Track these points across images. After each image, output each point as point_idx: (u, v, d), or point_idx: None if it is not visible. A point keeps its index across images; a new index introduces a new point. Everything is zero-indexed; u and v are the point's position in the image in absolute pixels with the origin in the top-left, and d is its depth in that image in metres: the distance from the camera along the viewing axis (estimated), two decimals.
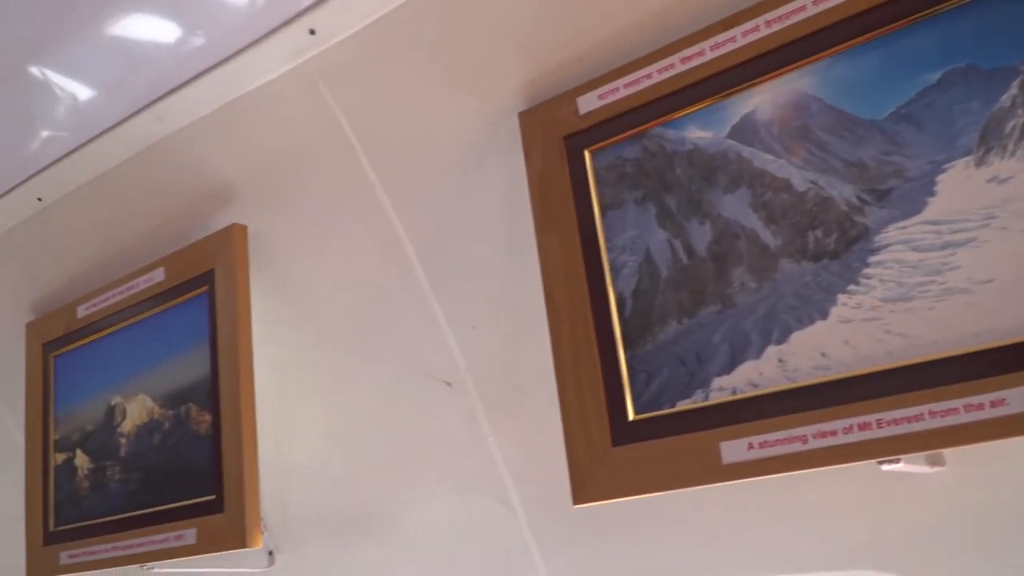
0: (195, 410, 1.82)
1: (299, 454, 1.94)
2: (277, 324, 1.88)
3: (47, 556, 2.10)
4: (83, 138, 1.91)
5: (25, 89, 1.86)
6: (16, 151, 2.01)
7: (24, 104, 1.90)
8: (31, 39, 1.73)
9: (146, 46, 1.70)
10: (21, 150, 2.00)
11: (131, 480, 1.93)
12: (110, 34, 1.69)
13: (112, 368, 2.04)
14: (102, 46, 1.74)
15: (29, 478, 2.18)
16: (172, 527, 1.79)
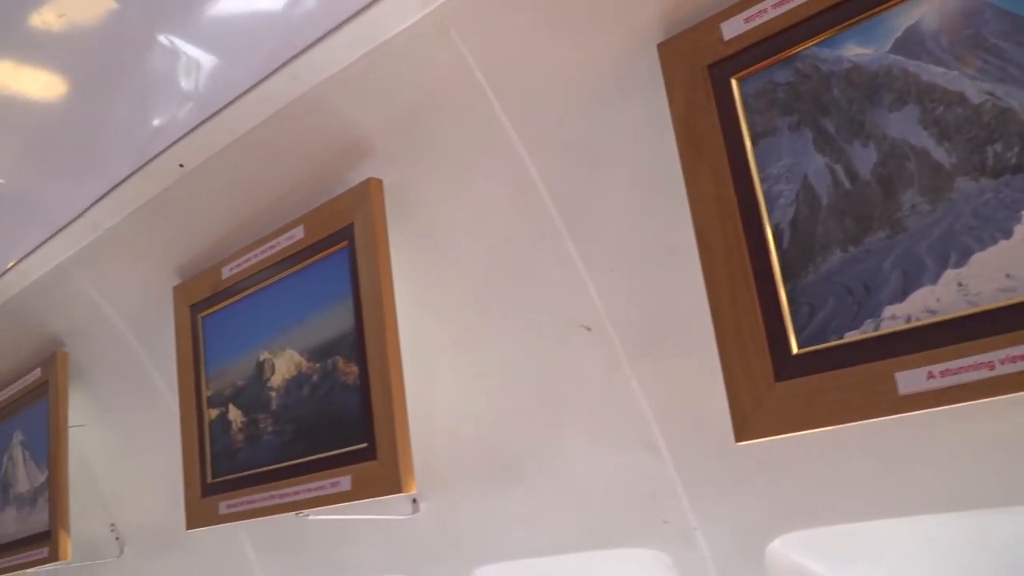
0: (342, 362, 1.87)
1: (440, 403, 1.97)
2: (415, 275, 1.90)
3: (206, 507, 2.21)
4: (221, 102, 1.96)
5: (161, 59, 1.92)
6: (157, 120, 2.08)
7: (161, 74, 1.96)
8: (163, 8, 1.78)
9: (277, 5, 1.73)
10: (162, 119, 2.07)
11: (283, 432, 2.01)
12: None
13: (258, 325, 2.11)
14: (232, 9, 1.77)
15: (185, 434, 2.29)
16: (327, 475, 1.85)
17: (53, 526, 2.76)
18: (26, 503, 2.95)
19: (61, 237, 2.45)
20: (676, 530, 1.80)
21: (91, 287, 2.61)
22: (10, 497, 3.05)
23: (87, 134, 2.13)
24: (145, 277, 2.47)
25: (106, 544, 3.14)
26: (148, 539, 3.13)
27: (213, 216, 2.23)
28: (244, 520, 2.08)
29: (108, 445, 3.01)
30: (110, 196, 2.26)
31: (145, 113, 2.07)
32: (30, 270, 2.64)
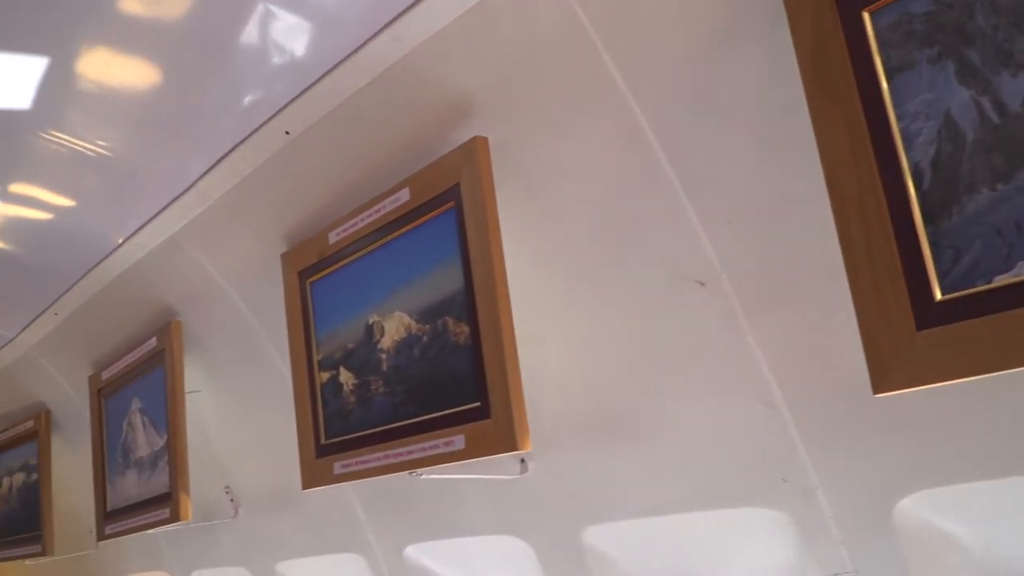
0: (452, 322, 1.87)
1: (547, 362, 1.96)
2: (521, 233, 1.88)
3: (320, 467, 2.27)
4: (324, 68, 1.97)
5: (262, 28, 1.94)
6: (261, 89, 2.10)
7: (263, 43, 1.98)
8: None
9: None
10: (266, 88, 2.09)
11: (395, 392, 2.03)
12: None
13: (366, 289, 2.13)
14: None
15: (298, 397, 2.34)
16: (440, 434, 1.87)
17: (174, 488, 2.87)
18: (146, 467, 3.08)
19: (173, 208, 2.52)
20: (796, 489, 1.75)
21: (203, 256, 2.68)
22: (131, 461, 3.19)
23: (194, 107, 2.18)
24: (254, 245, 2.52)
25: (221, 506, 3.26)
26: (261, 501, 3.24)
27: (319, 182, 2.26)
28: (358, 480, 2.12)
29: (222, 410, 3.11)
30: (219, 166, 2.31)
31: (249, 83, 2.10)
32: (144, 242, 2.72)
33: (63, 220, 2.74)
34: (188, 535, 3.58)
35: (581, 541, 2.20)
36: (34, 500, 4.09)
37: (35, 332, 3.59)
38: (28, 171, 2.50)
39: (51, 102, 2.13)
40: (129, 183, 2.50)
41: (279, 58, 2.02)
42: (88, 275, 3.03)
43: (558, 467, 2.14)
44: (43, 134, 2.27)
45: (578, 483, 2.15)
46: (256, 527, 3.31)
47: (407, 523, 2.69)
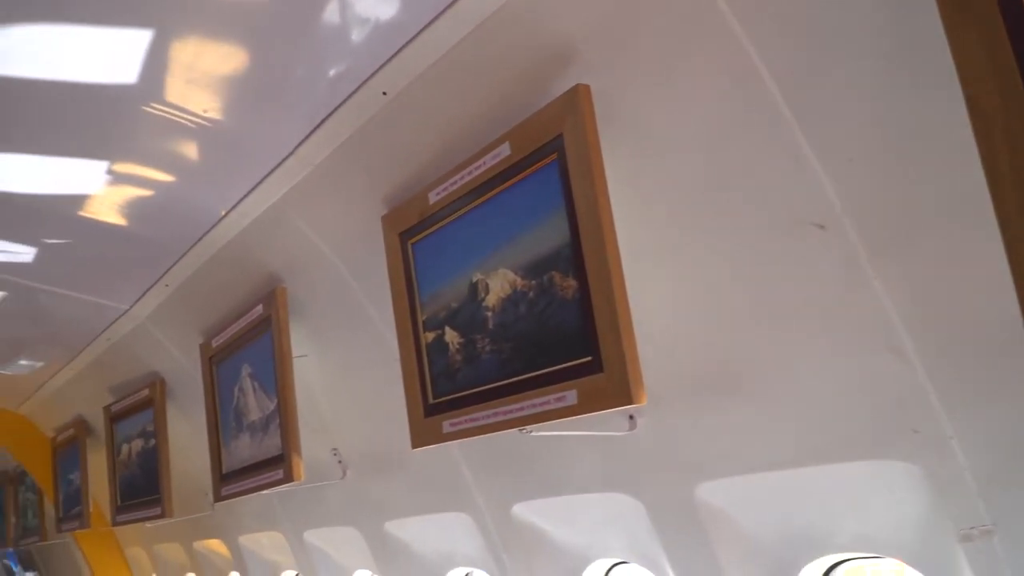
0: (558, 277, 1.84)
1: (654, 315, 1.91)
2: (627, 182, 1.83)
3: (429, 426, 2.28)
4: (420, 25, 1.94)
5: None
6: (358, 51, 2.09)
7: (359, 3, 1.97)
8: None
9: None
10: (362, 49, 2.08)
11: (502, 350, 2.02)
12: None
13: (469, 247, 2.11)
14: None
15: (404, 357, 2.36)
16: (551, 390, 1.85)
17: (286, 450, 2.95)
18: (259, 430, 3.17)
19: (275, 176, 2.55)
20: (928, 440, 1.67)
21: (304, 223, 2.72)
22: (244, 425, 3.29)
23: (291, 73, 2.18)
24: (354, 209, 2.54)
25: (330, 467, 3.34)
26: (368, 462, 3.30)
27: (417, 142, 2.25)
28: (468, 438, 2.13)
29: (327, 374, 3.17)
30: (318, 131, 2.32)
31: (345, 45, 2.09)
32: (248, 211, 2.77)
33: (170, 193, 2.80)
34: (299, 496, 3.69)
35: (694, 497, 2.17)
36: (153, 465, 4.28)
37: (147, 304, 3.72)
38: (135, 145, 2.56)
39: (154, 74, 2.16)
40: (231, 153, 2.54)
41: (374, 18, 2.01)
42: (195, 246, 3.12)
43: (668, 422, 2.10)
44: (147, 107, 2.31)
45: (690, 438, 2.11)
46: (364, 487, 3.38)
47: (514, 481, 2.70)
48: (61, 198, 2.88)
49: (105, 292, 3.73)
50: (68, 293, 3.77)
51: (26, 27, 2.02)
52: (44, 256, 3.39)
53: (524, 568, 2.84)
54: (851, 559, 2.15)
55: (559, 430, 2.09)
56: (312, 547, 3.99)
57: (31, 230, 3.20)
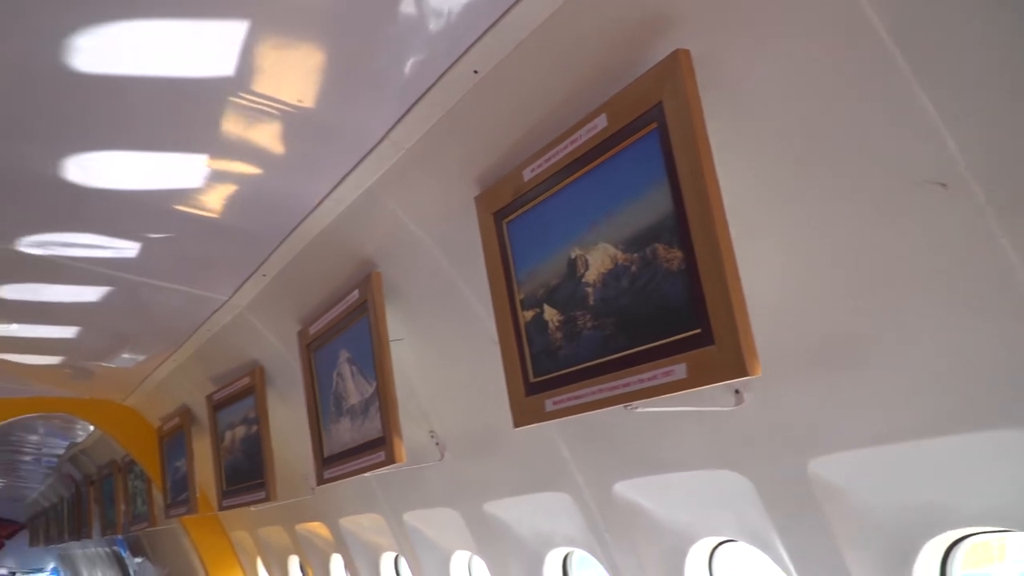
0: (662, 249, 1.80)
1: (764, 284, 1.85)
2: (730, 146, 1.77)
3: (531, 405, 2.27)
4: (509, 1, 1.92)
5: None
6: (447, 30, 2.08)
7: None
8: None
9: None
10: (451, 28, 2.07)
11: (604, 326, 1.99)
12: None
13: (566, 223, 2.09)
14: None
15: (502, 337, 2.35)
16: (659, 365, 1.81)
17: (387, 432, 2.98)
18: (358, 413, 3.22)
19: (368, 161, 2.57)
20: None
21: (398, 207, 2.73)
22: (343, 409, 3.35)
23: (382, 57, 2.18)
24: (447, 190, 2.54)
25: (428, 449, 3.37)
26: (465, 443, 3.33)
27: (510, 119, 2.23)
28: (572, 415, 2.11)
29: (423, 357, 3.20)
30: (410, 114, 2.33)
31: (435, 25, 2.08)
32: (342, 197, 2.81)
33: (265, 183, 2.85)
34: (398, 479, 3.75)
35: (807, 473, 2.10)
36: (255, 450, 4.40)
37: (246, 294, 3.82)
38: (231, 138, 2.60)
39: (248, 65, 2.19)
40: (324, 140, 2.57)
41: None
42: (291, 235, 3.17)
43: (778, 396, 2.04)
44: (241, 98, 2.34)
45: (801, 412, 2.05)
46: (462, 469, 3.40)
47: (614, 460, 2.68)
48: (161, 193, 2.96)
49: (205, 284, 3.84)
50: (170, 286, 3.89)
51: (121, 24, 2.07)
52: (147, 251, 3.50)
53: (627, 547, 2.82)
54: (976, 534, 2.06)
55: (661, 407, 2.06)
56: (412, 528, 4.05)
57: (134, 226, 3.31)
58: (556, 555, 3.42)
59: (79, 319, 4.58)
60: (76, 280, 3.90)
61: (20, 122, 2.52)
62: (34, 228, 3.36)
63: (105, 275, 3.79)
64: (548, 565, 3.43)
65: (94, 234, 3.43)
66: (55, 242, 3.49)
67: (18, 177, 2.88)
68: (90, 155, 2.71)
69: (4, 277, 3.95)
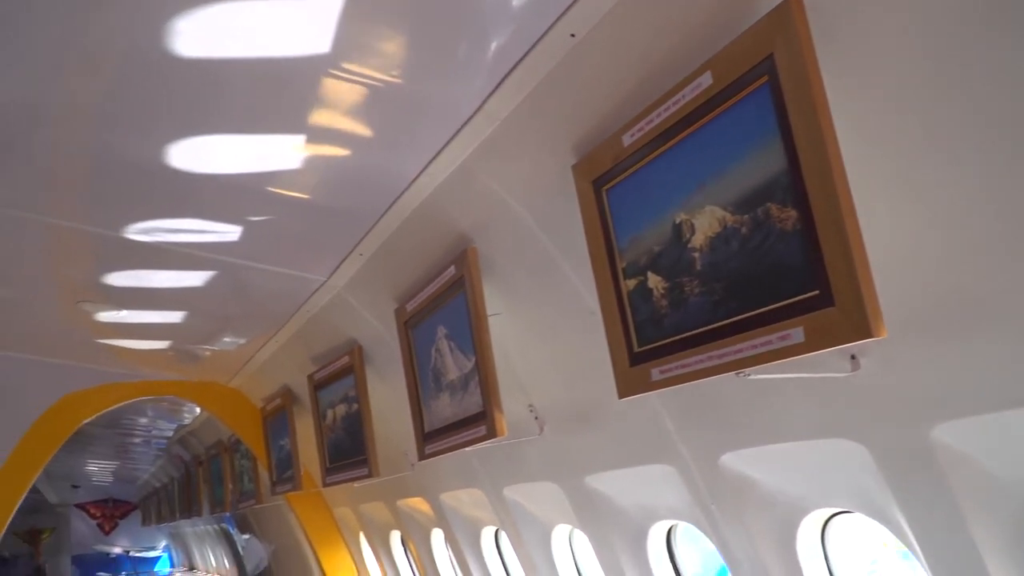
0: (775, 208, 1.73)
1: (883, 242, 1.75)
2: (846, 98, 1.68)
3: (636, 375, 2.23)
4: None
5: None
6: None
7: None
8: None
9: None
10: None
11: (713, 291, 1.93)
12: None
13: (669, 187, 2.03)
14: None
15: (604, 307, 2.31)
16: (773, 329, 1.75)
17: (487, 406, 2.99)
18: (458, 389, 3.24)
19: (462, 134, 2.56)
20: None
21: (493, 180, 2.72)
22: (443, 385, 3.38)
23: (475, 24, 2.15)
24: (543, 160, 2.51)
25: (527, 424, 3.36)
26: (565, 417, 3.31)
27: (608, 83, 2.18)
28: (680, 384, 2.06)
29: (520, 331, 3.19)
30: (504, 83, 2.30)
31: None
32: (437, 172, 2.81)
33: (361, 161, 2.88)
34: (497, 454, 3.76)
35: (930, 440, 2.00)
36: (357, 428, 4.49)
37: (343, 274, 3.88)
38: (326, 116, 2.62)
39: (341, 41, 2.19)
40: (418, 115, 2.57)
41: None
42: (386, 214, 3.20)
43: (898, 359, 1.95)
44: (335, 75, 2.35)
45: (925, 376, 1.94)
46: (562, 443, 3.39)
47: (721, 430, 2.61)
48: (261, 176, 3.02)
49: (304, 265, 3.92)
50: (271, 268, 3.98)
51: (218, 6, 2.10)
52: (248, 234, 3.58)
53: (735, 519, 2.76)
54: None
55: (774, 374, 1.99)
56: (512, 503, 4.07)
57: (235, 209, 3.39)
58: (660, 528, 3.38)
59: (185, 304, 4.74)
60: (181, 265, 4.03)
61: (124, 111, 2.59)
62: (140, 216, 3.47)
63: (209, 259, 3.91)
64: (652, 538, 3.39)
65: (198, 219, 3.53)
66: (161, 228, 3.61)
67: (124, 166, 2.97)
68: (192, 141, 2.77)
69: (113, 265, 4.12)
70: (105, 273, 4.22)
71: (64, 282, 4.48)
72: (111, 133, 2.74)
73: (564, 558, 4.11)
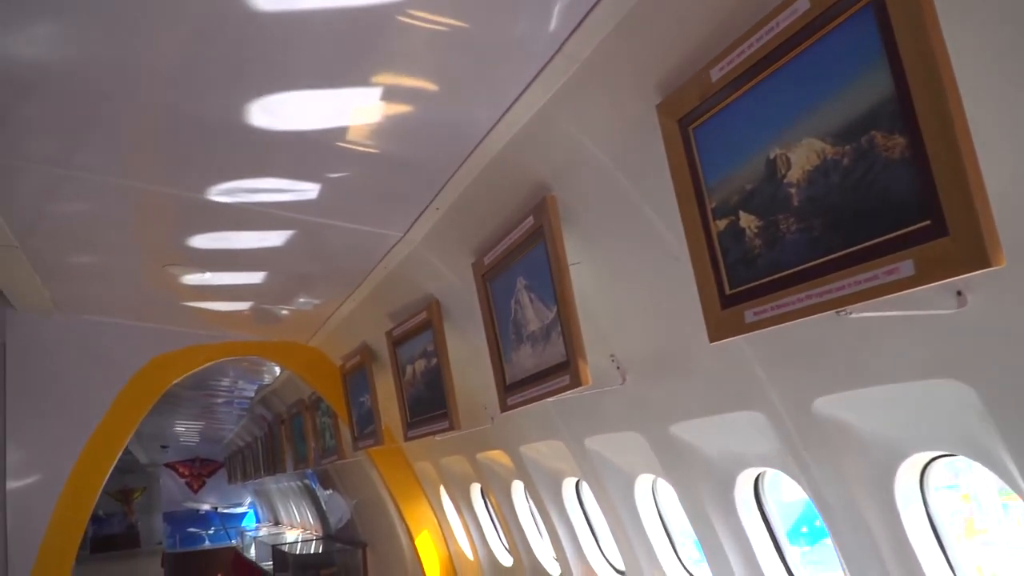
0: (881, 137, 1.65)
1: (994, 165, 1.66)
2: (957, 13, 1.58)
3: (728, 318, 2.18)
4: None
5: None
6: None
7: None
8: None
9: None
10: None
11: (812, 227, 1.86)
12: None
13: (762, 122, 1.96)
14: None
15: (693, 250, 2.26)
16: (880, 263, 1.68)
17: (570, 355, 2.97)
18: (539, 339, 3.23)
19: (541, 78, 2.51)
20: None
21: (572, 125, 2.66)
22: (523, 336, 3.37)
23: None
24: (625, 102, 2.45)
25: (608, 374, 3.34)
26: (648, 366, 3.27)
27: (694, 16, 2.10)
28: (776, 325, 2.01)
29: (600, 280, 3.15)
30: (584, 22, 2.24)
31: None
32: (515, 120, 2.76)
33: (436, 112, 2.84)
34: (578, 405, 3.75)
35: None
36: (437, 382, 4.53)
37: (420, 229, 3.88)
38: (398, 64, 2.58)
39: None
40: (495, 60, 2.51)
41: None
42: (463, 165, 3.17)
43: (1008, 295, 1.85)
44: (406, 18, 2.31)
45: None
46: (644, 392, 3.36)
47: (814, 374, 2.55)
48: (337, 131, 3.02)
49: (381, 221, 3.93)
50: (348, 225, 4.00)
51: None
52: (326, 191, 3.60)
53: (829, 465, 2.70)
54: None
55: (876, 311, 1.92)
56: (593, 453, 4.06)
57: (313, 167, 3.40)
58: (747, 476, 3.34)
59: (265, 264, 4.82)
60: (261, 226, 4.09)
61: (203, 69, 2.61)
62: (222, 177, 3.52)
63: (288, 219, 3.95)
64: (739, 486, 3.35)
65: (276, 178, 3.56)
66: (241, 189, 3.65)
67: (205, 126, 3.01)
68: (269, 98, 2.78)
69: (198, 227, 4.20)
70: (190, 236, 4.31)
71: (151, 246, 4.60)
72: (191, 92, 2.77)
73: (647, 507, 4.10)
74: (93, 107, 2.89)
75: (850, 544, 2.78)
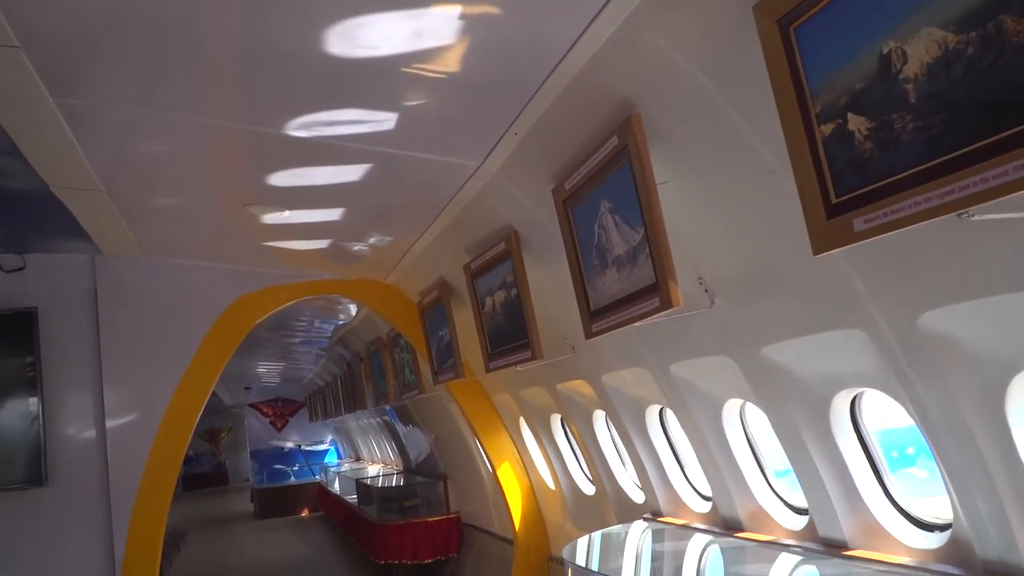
0: (1011, 20, 1.52)
1: None
2: None
3: (835, 228, 2.08)
4: None
5: None
6: None
7: None
8: None
9: None
10: None
11: (931, 124, 1.74)
12: None
13: (872, 15, 1.83)
14: None
15: (796, 158, 2.15)
16: (1009, 158, 1.56)
17: (660, 277, 2.91)
18: (626, 263, 3.16)
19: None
20: None
21: (659, 36, 2.55)
22: (608, 261, 3.30)
23: None
24: (716, 8, 2.32)
25: (696, 297, 3.26)
26: (738, 287, 3.19)
27: None
28: (890, 232, 1.90)
29: (688, 199, 3.06)
30: None
31: None
32: (597, 34, 2.65)
33: (513, 29, 2.74)
34: (663, 331, 3.69)
35: None
36: (517, 313, 4.51)
37: (497, 157, 3.82)
38: None
39: None
40: None
41: None
42: (543, 86, 3.08)
43: None
44: None
45: None
46: (734, 314, 3.28)
47: (921, 287, 2.43)
48: (411, 55, 2.94)
49: (457, 150, 3.88)
50: (425, 156, 3.96)
51: None
52: (402, 121, 3.56)
53: (935, 383, 2.59)
54: None
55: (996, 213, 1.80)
56: (679, 379, 4.01)
57: (389, 95, 3.35)
58: (843, 397, 3.25)
59: (342, 200, 4.84)
60: (338, 160, 4.09)
61: None
62: (297, 111, 3.50)
63: (364, 151, 3.94)
64: (835, 408, 3.26)
65: (352, 109, 3.53)
66: (317, 122, 3.64)
67: (279, 57, 2.98)
68: (342, 24, 2.72)
69: (276, 164, 4.22)
70: (268, 174, 4.33)
71: (231, 186, 4.65)
72: (265, 21, 2.73)
73: (736, 433, 4.04)
74: (169, 43, 2.89)
75: (956, 464, 2.68)
